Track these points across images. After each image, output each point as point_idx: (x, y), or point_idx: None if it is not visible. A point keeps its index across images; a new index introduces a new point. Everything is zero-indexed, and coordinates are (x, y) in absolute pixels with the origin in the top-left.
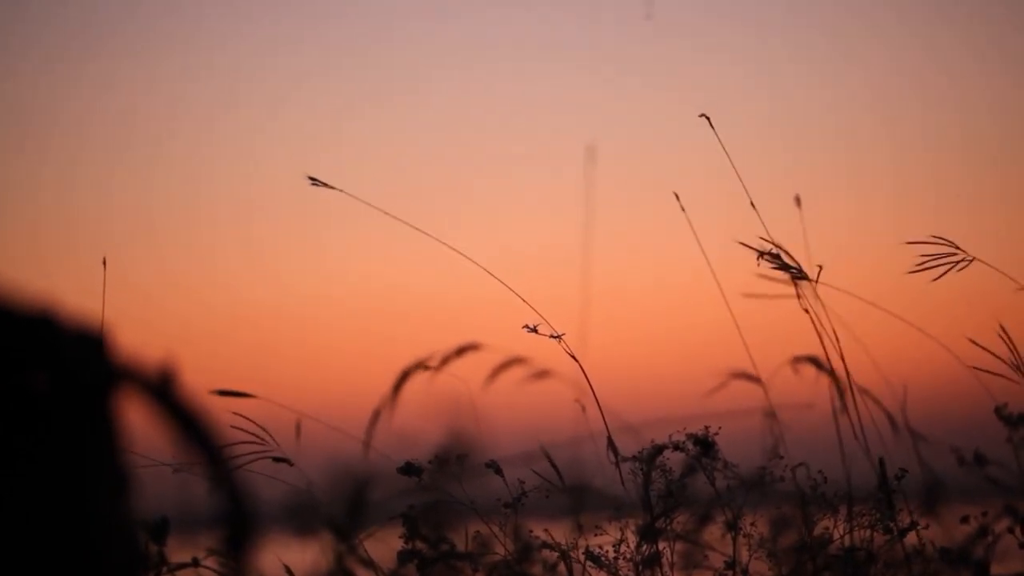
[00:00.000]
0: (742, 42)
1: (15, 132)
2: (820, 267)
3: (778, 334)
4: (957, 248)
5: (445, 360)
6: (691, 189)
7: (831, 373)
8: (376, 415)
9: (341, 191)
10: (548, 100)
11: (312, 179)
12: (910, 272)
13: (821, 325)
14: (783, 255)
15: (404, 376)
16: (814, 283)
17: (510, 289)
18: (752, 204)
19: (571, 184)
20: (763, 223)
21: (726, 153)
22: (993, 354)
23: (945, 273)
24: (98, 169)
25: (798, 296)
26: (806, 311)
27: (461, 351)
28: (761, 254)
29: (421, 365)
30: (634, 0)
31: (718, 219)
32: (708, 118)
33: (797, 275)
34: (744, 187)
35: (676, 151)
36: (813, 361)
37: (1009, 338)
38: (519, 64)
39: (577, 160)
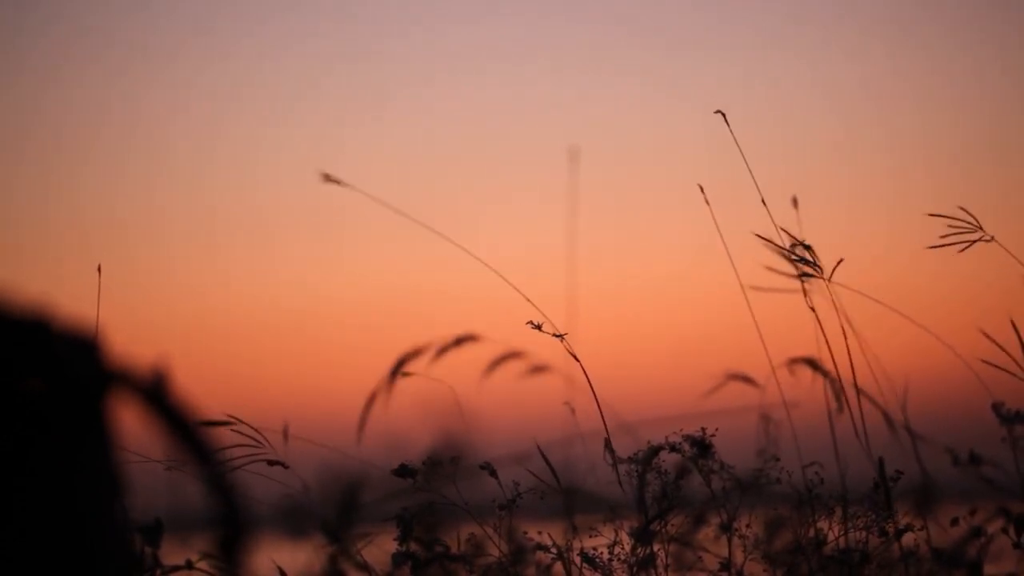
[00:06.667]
0: (733, 42)
1: (12, 136)
2: (840, 260)
3: (785, 332)
4: (979, 225)
5: (443, 349)
6: (685, 188)
7: (827, 375)
8: (371, 399)
9: (354, 188)
10: (538, 102)
11: (326, 176)
12: (932, 247)
13: (843, 321)
14: (808, 250)
15: (401, 362)
16: (827, 280)
17: (516, 289)
18: (763, 202)
19: (560, 185)
20: (773, 221)
21: (740, 150)
22: (1003, 349)
23: (969, 246)
24: (99, 172)
25: (804, 293)
26: (812, 309)
27: (459, 341)
28: (793, 245)
29: (418, 352)
30: (630, 3)
31: (708, 218)
32: (724, 114)
33: (809, 269)
34: (756, 185)
35: (677, 152)
36: (809, 363)
37: (1019, 332)
38: (513, 66)
39: (562, 161)
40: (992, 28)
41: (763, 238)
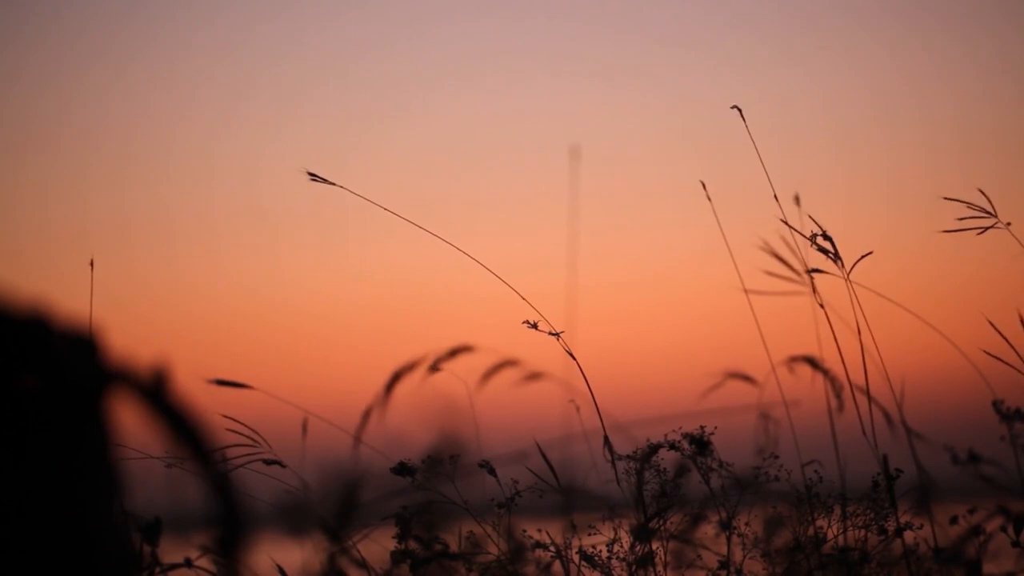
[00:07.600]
0: (733, 43)
1: (12, 136)
2: (868, 253)
3: (786, 329)
4: (994, 212)
5: (438, 361)
6: (685, 188)
7: (826, 373)
8: (367, 414)
9: (341, 187)
10: (538, 102)
11: (311, 175)
12: (947, 231)
13: (859, 318)
14: (829, 240)
15: (396, 376)
16: (846, 277)
17: (511, 288)
18: (776, 197)
19: (561, 184)
20: (784, 216)
21: (754, 146)
22: (1006, 339)
23: (985, 231)
24: (99, 172)
25: (814, 290)
26: (821, 306)
27: (454, 353)
28: (815, 235)
29: (413, 366)
30: (631, 3)
31: (707, 217)
32: (740, 109)
33: (828, 264)
34: (769, 180)
35: (676, 151)
36: (809, 361)
37: None
38: (513, 67)
39: (562, 161)
40: (992, 28)
41: (788, 224)
